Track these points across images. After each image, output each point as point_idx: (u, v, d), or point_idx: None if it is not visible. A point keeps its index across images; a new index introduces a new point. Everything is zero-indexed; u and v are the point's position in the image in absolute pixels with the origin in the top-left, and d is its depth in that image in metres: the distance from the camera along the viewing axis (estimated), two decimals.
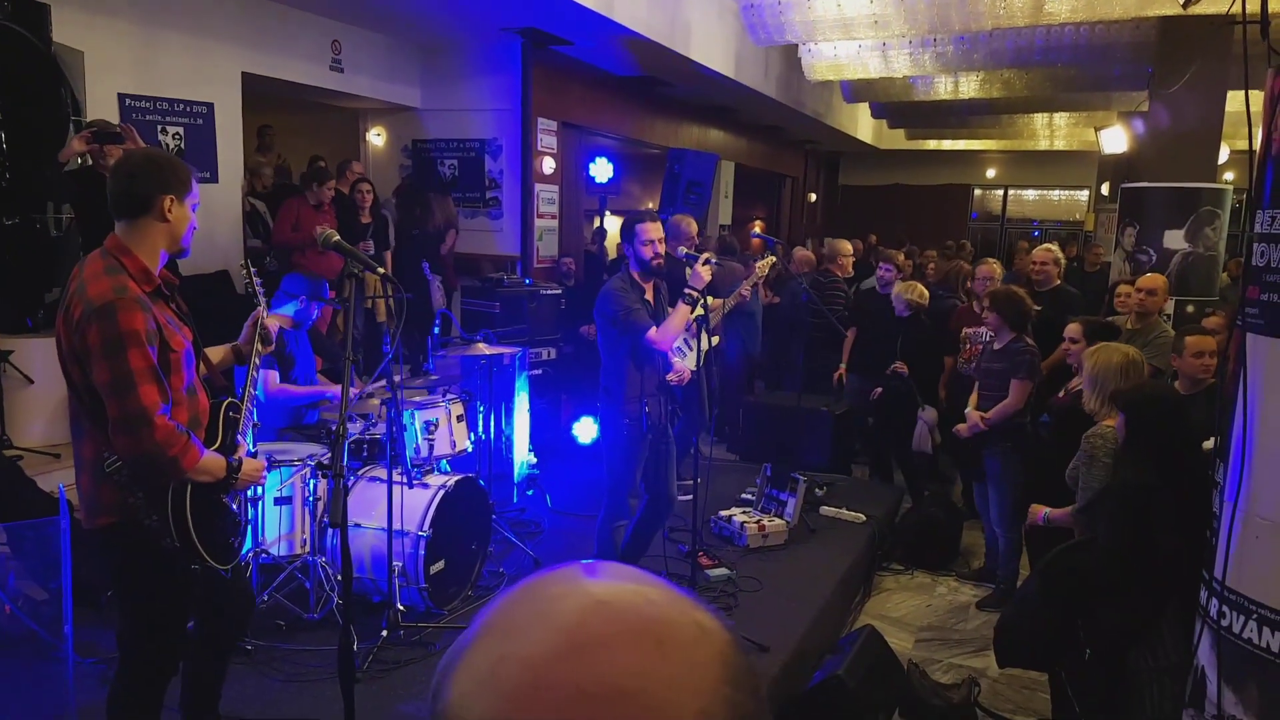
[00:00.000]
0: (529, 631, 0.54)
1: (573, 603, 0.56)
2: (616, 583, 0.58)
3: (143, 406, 2.31)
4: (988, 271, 6.44)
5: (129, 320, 2.31)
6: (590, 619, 0.54)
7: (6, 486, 4.28)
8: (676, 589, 0.58)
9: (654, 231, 4.12)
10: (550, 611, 0.55)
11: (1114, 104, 12.51)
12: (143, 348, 2.32)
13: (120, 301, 2.33)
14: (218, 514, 2.60)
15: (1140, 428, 3.24)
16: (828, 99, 13.42)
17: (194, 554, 2.50)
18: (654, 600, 0.56)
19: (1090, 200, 18.64)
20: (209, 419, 2.62)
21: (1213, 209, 7.01)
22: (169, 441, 2.35)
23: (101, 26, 6.06)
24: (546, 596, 0.57)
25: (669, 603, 0.57)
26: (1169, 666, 3.05)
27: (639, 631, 0.54)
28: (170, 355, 2.43)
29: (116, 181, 2.50)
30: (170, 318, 2.50)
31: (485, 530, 4.72)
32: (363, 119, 9.59)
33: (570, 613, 0.55)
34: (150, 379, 2.33)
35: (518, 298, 7.32)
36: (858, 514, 5.88)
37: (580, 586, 0.57)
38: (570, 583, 0.58)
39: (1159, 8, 7.03)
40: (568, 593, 0.57)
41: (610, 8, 7.14)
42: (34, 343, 5.29)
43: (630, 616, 0.55)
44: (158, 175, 2.49)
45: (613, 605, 0.55)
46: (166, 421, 2.35)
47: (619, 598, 0.56)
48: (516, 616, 0.56)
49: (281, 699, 3.61)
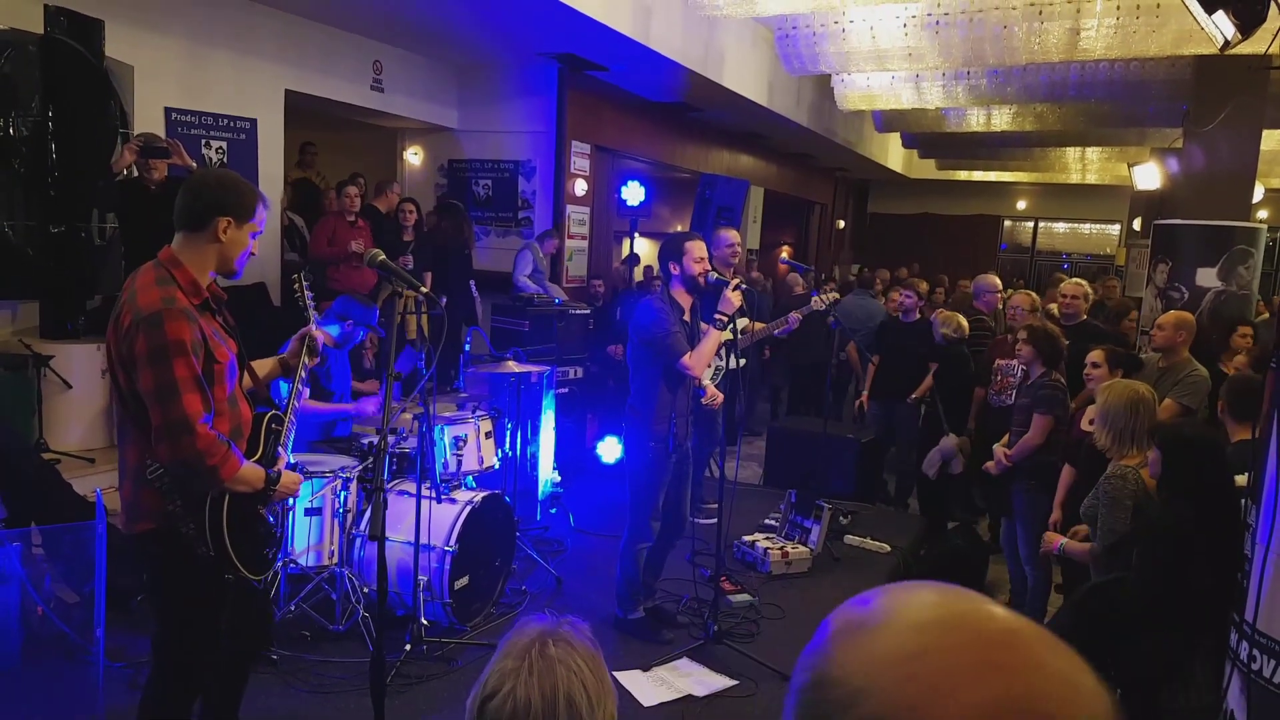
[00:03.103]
0: (949, 635, 0.59)
1: (993, 623, 0.60)
2: (1004, 610, 0.63)
3: (185, 415, 2.36)
4: (1021, 301, 6.40)
5: (176, 330, 2.37)
6: (1015, 641, 0.59)
7: (44, 490, 4.36)
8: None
9: (702, 249, 4.23)
10: (970, 626, 0.60)
11: (1148, 140, 12.46)
12: (187, 357, 2.38)
13: (168, 312, 2.38)
14: (254, 525, 2.64)
15: (1178, 468, 3.21)
16: (859, 127, 13.47)
17: (228, 563, 2.54)
18: (1051, 638, 0.61)
19: (1121, 235, 18.52)
20: (251, 430, 2.67)
21: (1246, 248, 6.96)
22: (209, 450, 2.40)
23: (151, 42, 6.22)
24: (965, 611, 0.62)
25: (1065, 646, 0.61)
26: (1200, 707, 3.01)
27: (1052, 660, 0.59)
28: (214, 366, 2.48)
29: (183, 194, 2.57)
30: (216, 330, 2.56)
31: (509, 547, 4.74)
32: (401, 138, 9.75)
33: (995, 631, 0.60)
34: (194, 388, 2.38)
35: (547, 317, 7.38)
36: (882, 544, 5.85)
37: (989, 608, 0.62)
38: (975, 602, 0.63)
39: (1195, 47, 7.02)
40: (985, 613, 0.62)
41: (646, 35, 7.23)
42: (74, 349, 5.40)
43: (1040, 644, 0.60)
44: (220, 196, 2.54)
45: (1022, 634, 0.60)
46: (208, 430, 2.40)
47: (1031, 630, 0.61)
48: (916, 615, 0.61)
49: (306, 710, 3.64)
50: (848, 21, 7.79)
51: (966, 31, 7.48)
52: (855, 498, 6.77)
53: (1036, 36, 7.41)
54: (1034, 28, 7.32)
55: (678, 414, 4.27)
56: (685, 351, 4.10)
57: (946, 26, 7.50)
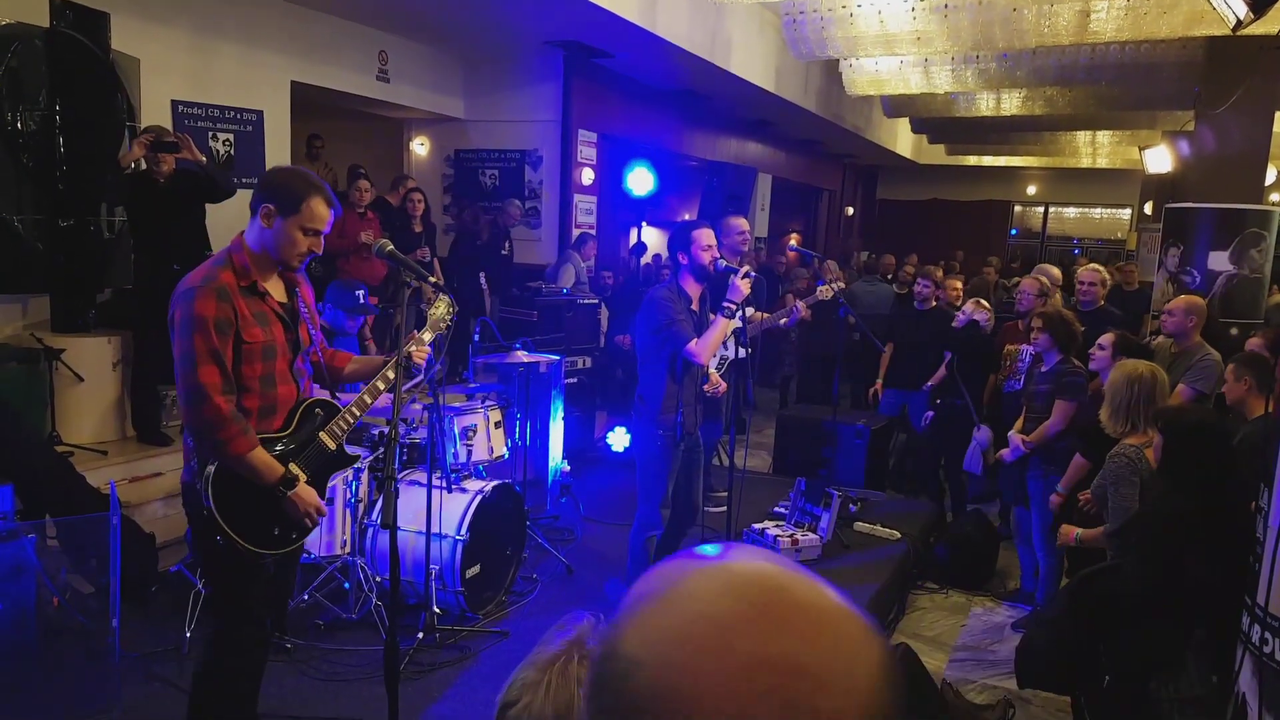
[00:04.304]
0: (718, 601, 0.59)
1: (759, 581, 0.61)
2: (795, 572, 0.63)
3: (200, 383, 2.52)
4: (1030, 286, 6.35)
5: (202, 306, 2.53)
6: (776, 598, 0.60)
7: (57, 483, 4.38)
8: (845, 595, 0.63)
9: (710, 237, 4.22)
10: (737, 585, 0.61)
11: (1158, 123, 12.37)
12: (206, 333, 2.52)
13: (199, 289, 2.55)
14: (262, 498, 2.66)
15: (1181, 453, 3.19)
16: (867, 113, 13.40)
17: (215, 527, 2.59)
18: (828, 595, 0.62)
19: (1132, 219, 18.41)
20: (290, 410, 2.77)
21: (1258, 231, 6.91)
22: (218, 421, 2.54)
23: (157, 35, 6.22)
24: (732, 571, 0.62)
25: (841, 602, 0.62)
26: (1192, 698, 3.01)
27: (819, 618, 0.60)
28: (244, 346, 2.61)
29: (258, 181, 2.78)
30: (261, 311, 2.68)
31: (520, 536, 4.76)
32: (407, 128, 9.74)
33: (758, 590, 0.60)
34: (209, 361, 2.53)
35: (555, 307, 7.38)
36: (892, 531, 5.85)
37: (763, 567, 0.63)
38: (752, 562, 0.63)
39: (1207, 28, 6.96)
40: (754, 571, 0.62)
41: (653, 22, 7.20)
42: (85, 342, 5.43)
43: (811, 603, 0.61)
44: (270, 186, 2.71)
45: (795, 591, 0.61)
46: (221, 402, 2.53)
47: (800, 585, 0.62)
48: (700, 586, 0.61)
49: (319, 697, 3.67)
50: (855, 5, 7.74)
51: (975, 15, 7.43)
52: (865, 485, 6.77)
53: (1046, 19, 7.35)
54: (1044, 10, 7.27)
55: (685, 403, 4.27)
56: (690, 338, 4.11)
57: (955, 10, 7.45)
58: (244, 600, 2.77)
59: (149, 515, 4.88)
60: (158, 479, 5.17)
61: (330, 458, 2.88)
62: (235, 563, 2.67)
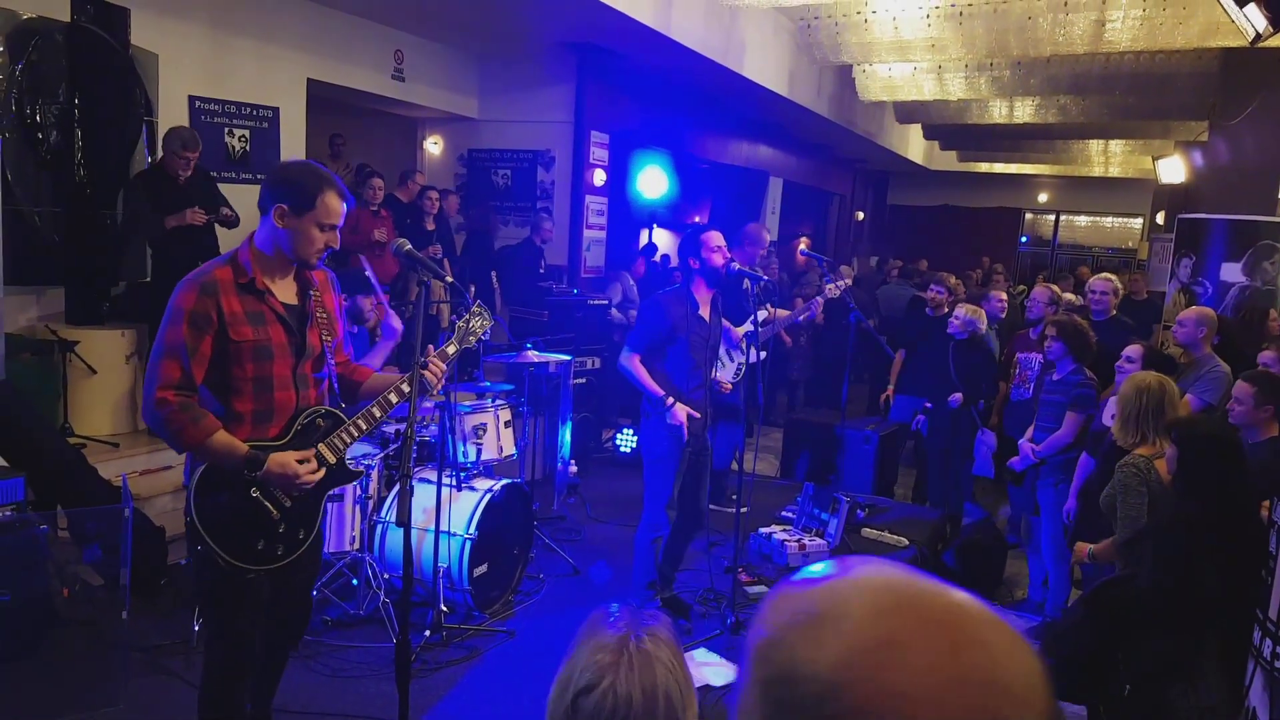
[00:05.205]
0: (885, 619, 0.61)
1: (946, 602, 0.64)
2: (927, 579, 0.67)
3: (154, 374, 2.47)
4: (1041, 294, 6.34)
5: (183, 299, 2.48)
6: (967, 619, 0.63)
7: (70, 474, 4.41)
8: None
9: (719, 238, 4.22)
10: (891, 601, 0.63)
11: (1172, 133, 12.33)
12: (179, 326, 2.45)
13: (188, 282, 2.51)
14: (246, 510, 2.56)
15: (1195, 464, 3.19)
16: (879, 118, 13.39)
17: (198, 537, 2.52)
18: (974, 601, 0.65)
19: (1144, 228, 18.35)
20: (290, 418, 2.64)
21: (1272, 243, 6.89)
22: (164, 413, 2.45)
23: (175, 30, 6.25)
24: (877, 586, 0.65)
25: (987, 607, 0.65)
26: (1209, 706, 3.00)
27: (989, 628, 0.62)
28: (230, 345, 2.51)
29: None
30: (257, 311, 2.56)
31: (527, 536, 4.77)
32: (421, 127, 9.76)
33: (918, 603, 0.63)
34: (172, 355, 2.46)
35: (566, 307, 7.39)
36: (900, 538, 5.84)
37: (904, 577, 0.66)
38: (920, 582, 0.66)
39: (1222, 39, 6.95)
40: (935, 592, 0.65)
41: (667, 25, 7.21)
42: (99, 334, 5.45)
43: (972, 612, 0.63)
44: (281, 183, 2.60)
45: (948, 599, 0.64)
46: (168, 395, 2.45)
47: (946, 592, 0.65)
48: (858, 603, 0.63)
49: (326, 694, 3.69)
50: (870, 12, 7.74)
51: (990, 23, 7.42)
52: (873, 491, 6.75)
53: (1061, 28, 7.35)
54: (1059, 19, 7.26)
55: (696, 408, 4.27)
56: (636, 348, 4.15)
57: (970, 17, 7.45)
58: (232, 623, 2.62)
59: (159, 508, 4.90)
60: (168, 472, 5.19)
61: (329, 472, 2.70)
62: (218, 576, 2.56)
